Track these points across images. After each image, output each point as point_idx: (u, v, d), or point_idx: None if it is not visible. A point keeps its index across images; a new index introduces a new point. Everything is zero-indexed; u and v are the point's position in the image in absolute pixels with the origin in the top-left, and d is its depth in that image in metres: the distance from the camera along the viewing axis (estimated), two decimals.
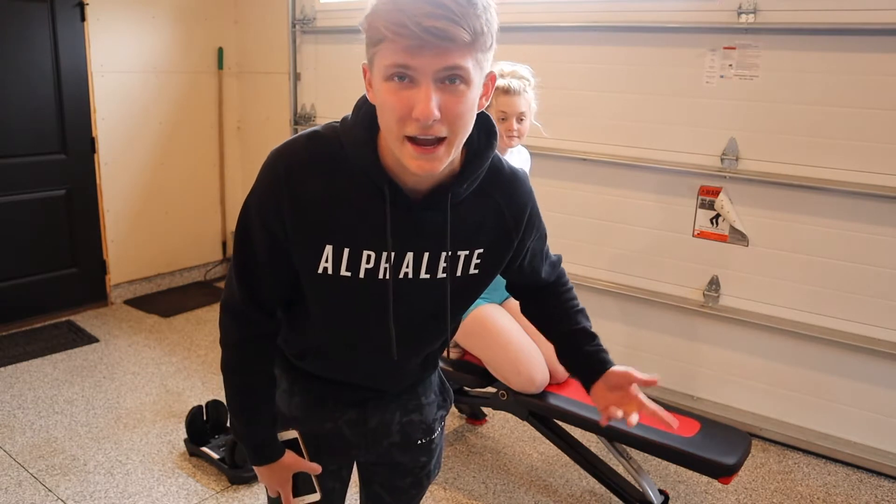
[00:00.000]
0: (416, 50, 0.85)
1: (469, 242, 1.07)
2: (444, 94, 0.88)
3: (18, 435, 2.65)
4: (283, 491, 1.20)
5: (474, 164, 1.02)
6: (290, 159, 1.01)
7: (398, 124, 0.90)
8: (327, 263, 1.03)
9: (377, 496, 1.35)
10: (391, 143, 0.93)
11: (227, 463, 2.42)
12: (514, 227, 1.11)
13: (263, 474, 1.19)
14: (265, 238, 1.04)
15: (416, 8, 0.84)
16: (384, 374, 1.19)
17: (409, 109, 0.88)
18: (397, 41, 0.85)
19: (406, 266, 1.05)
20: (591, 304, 3.24)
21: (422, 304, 1.09)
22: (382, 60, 0.89)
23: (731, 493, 2.47)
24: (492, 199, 1.07)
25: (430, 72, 0.87)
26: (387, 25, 0.85)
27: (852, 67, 2.48)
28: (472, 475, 2.52)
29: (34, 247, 3.65)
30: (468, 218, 1.05)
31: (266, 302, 1.10)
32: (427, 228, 1.03)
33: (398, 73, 0.87)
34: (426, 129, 0.89)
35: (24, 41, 3.42)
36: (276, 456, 1.17)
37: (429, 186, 1.01)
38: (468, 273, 1.09)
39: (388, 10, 0.86)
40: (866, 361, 2.62)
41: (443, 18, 0.84)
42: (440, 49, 0.85)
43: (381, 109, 0.93)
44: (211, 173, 4.41)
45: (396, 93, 0.89)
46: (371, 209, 1.01)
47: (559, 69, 3.10)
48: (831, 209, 2.60)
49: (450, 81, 0.88)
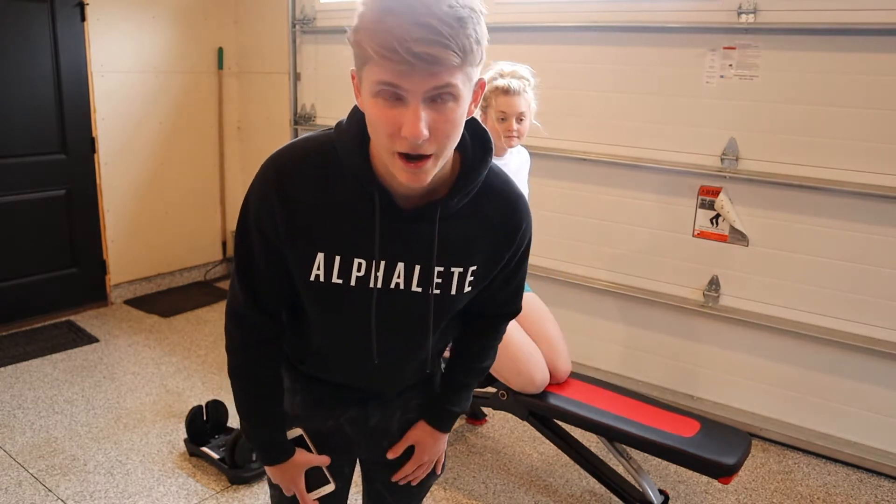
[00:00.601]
0: (406, 73, 0.84)
1: (463, 259, 1.06)
2: (433, 112, 0.87)
3: (18, 435, 2.65)
4: (297, 488, 1.20)
5: (467, 179, 1.01)
6: (283, 166, 1.01)
7: (388, 140, 0.89)
8: (319, 271, 1.03)
9: (379, 495, 1.35)
10: (382, 154, 0.93)
11: (227, 463, 2.42)
12: (506, 245, 1.09)
13: (276, 474, 1.20)
14: (262, 243, 1.04)
15: (405, 31, 0.82)
16: (377, 378, 1.19)
17: (399, 127, 0.87)
18: (385, 64, 0.84)
19: (397, 276, 1.04)
20: (591, 304, 3.28)
21: (409, 315, 1.08)
22: (371, 76, 0.87)
23: (731, 493, 2.47)
24: (487, 216, 1.06)
25: (420, 92, 0.86)
26: (375, 48, 0.84)
27: (852, 67, 2.48)
28: (472, 475, 2.52)
29: (34, 247, 3.65)
30: (461, 232, 1.04)
31: (269, 305, 1.10)
32: (417, 239, 1.02)
33: (387, 91, 0.86)
34: (415, 147, 0.88)
35: (24, 41, 3.42)
36: (286, 456, 1.18)
37: (420, 195, 1.01)
38: (462, 291, 1.08)
39: (376, 31, 0.84)
40: (866, 361, 2.62)
41: (433, 43, 0.82)
42: (430, 72, 0.84)
43: (370, 123, 0.92)
44: (211, 173, 4.41)
45: (385, 110, 0.88)
46: (362, 216, 1.01)
47: (559, 69, 3.10)
48: (831, 209, 2.60)
49: (440, 100, 0.87)
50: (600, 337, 3.24)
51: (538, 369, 2.25)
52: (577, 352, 3.20)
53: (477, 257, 1.07)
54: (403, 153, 0.89)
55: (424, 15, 0.82)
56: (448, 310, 1.10)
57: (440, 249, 1.03)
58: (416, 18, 0.82)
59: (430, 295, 1.06)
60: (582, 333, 3.25)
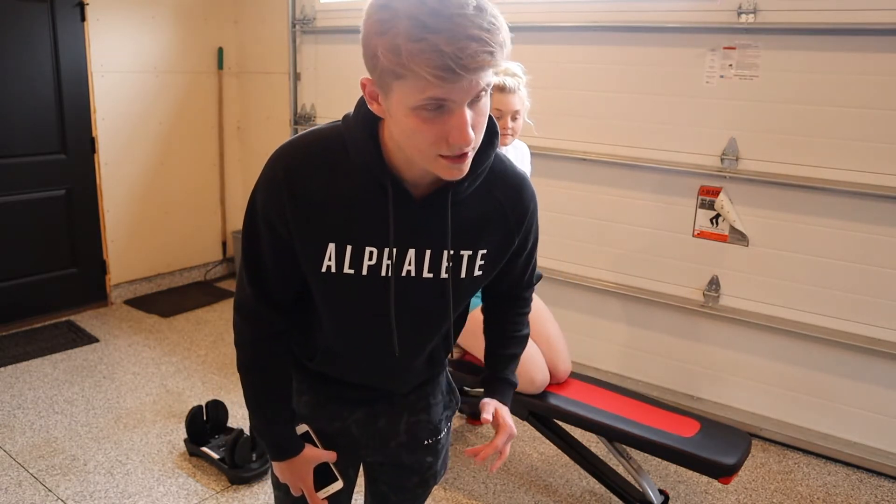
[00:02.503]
0: (457, 87, 0.84)
1: (472, 242, 1.07)
2: (473, 112, 0.88)
3: (18, 435, 2.65)
4: (305, 486, 1.19)
5: (477, 163, 1.02)
6: (290, 159, 1.01)
7: (431, 147, 0.89)
8: (330, 262, 1.03)
9: (383, 495, 1.35)
10: (419, 160, 0.93)
11: (227, 463, 2.42)
12: (516, 228, 1.11)
13: (284, 472, 1.19)
14: (270, 236, 1.04)
15: (456, 48, 0.81)
16: (391, 373, 1.19)
17: (444, 135, 0.88)
18: (437, 81, 0.83)
19: (408, 264, 1.05)
20: (591, 304, 3.27)
21: (424, 303, 1.09)
22: (414, 93, 0.85)
23: (731, 493, 2.47)
24: (495, 199, 1.08)
25: (466, 99, 0.86)
26: (428, 70, 0.82)
27: (852, 67, 2.48)
28: (472, 475, 2.52)
29: (34, 247, 3.65)
30: (470, 216, 1.06)
31: (278, 300, 1.10)
32: (428, 225, 1.03)
33: (432, 104, 0.86)
34: (462, 149, 0.89)
35: (24, 41, 3.42)
36: (295, 451, 1.17)
37: (430, 182, 1.01)
38: (472, 275, 1.09)
39: (423, 51, 0.81)
40: (866, 361, 2.62)
41: (484, 54, 0.82)
42: (477, 80, 0.85)
43: (407, 135, 0.91)
44: (211, 173, 4.41)
45: (430, 122, 0.87)
46: (373, 205, 1.01)
47: (559, 69, 3.10)
48: (831, 209, 2.60)
49: (477, 99, 0.88)
50: (600, 337, 3.24)
51: (538, 369, 2.25)
52: (578, 352, 3.20)
53: (487, 241, 1.08)
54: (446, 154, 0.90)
55: (468, 27, 0.81)
56: (462, 294, 1.11)
57: (451, 233, 1.04)
58: (462, 32, 0.81)
59: (442, 280, 1.07)
60: (582, 333, 3.25)
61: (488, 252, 1.09)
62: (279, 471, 1.20)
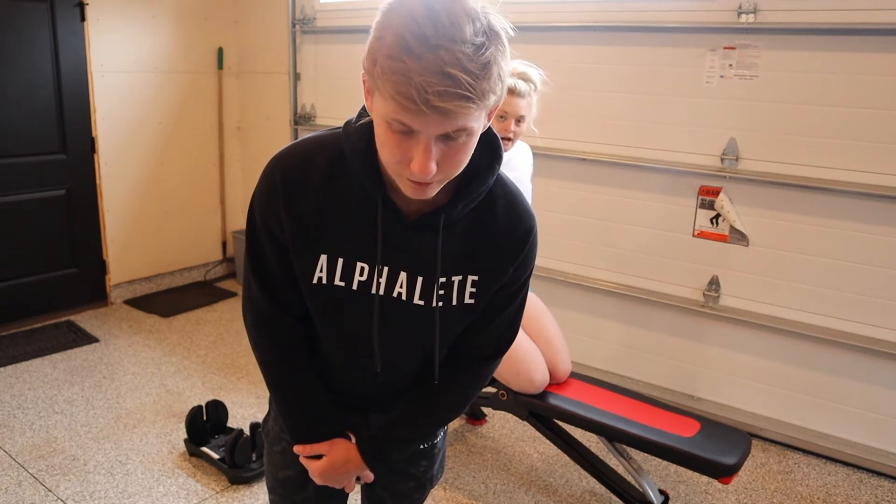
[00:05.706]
0: (420, 119, 0.80)
1: (463, 267, 1.03)
2: (444, 147, 0.85)
3: (18, 435, 2.65)
4: (351, 468, 1.17)
5: (472, 187, 0.99)
6: (287, 166, 1.00)
7: (398, 164, 0.87)
8: (322, 273, 1.02)
9: (379, 499, 1.35)
10: (389, 170, 0.92)
11: (227, 463, 2.42)
12: (510, 256, 1.05)
13: (326, 467, 1.16)
14: (272, 242, 1.03)
15: (424, 81, 0.76)
16: (381, 386, 1.18)
17: (407, 158, 0.85)
18: (398, 107, 0.80)
19: (400, 286, 1.02)
20: (591, 304, 3.27)
21: (412, 327, 1.06)
22: (383, 108, 0.83)
23: (731, 493, 2.47)
24: (491, 224, 1.03)
25: (433, 134, 0.83)
26: (391, 92, 0.79)
27: (852, 67, 2.48)
28: (472, 475, 2.52)
29: (34, 247, 3.65)
30: (463, 240, 1.02)
31: (291, 305, 1.08)
32: (420, 247, 1.01)
33: (399, 126, 0.83)
34: (422, 179, 0.86)
35: (24, 41, 3.42)
36: (335, 433, 1.16)
37: (425, 202, 0.98)
38: (463, 302, 1.05)
39: (393, 71, 0.78)
40: (866, 361, 2.62)
41: (453, 97, 0.77)
42: (445, 120, 0.81)
43: (379, 143, 0.89)
44: (211, 173, 4.41)
45: (396, 141, 0.85)
46: (367, 219, 0.99)
47: (559, 69, 3.09)
48: (831, 209, 2.60)
49: (452, 137, 0.84)
50: (600, 337, 3.24)
51: (538, 369, 2.25)
52: (578, 352, 3.20)
53: (479, 267, 1.04)
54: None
55: (448, 64, 0.76)
56: (451, 323, 1.07)
57: (442, 258, 1.01)
58: (437, 67, 0.76)
59: (433, 309, 1.03)
60: (582, 333, 3.25)
61: (479, 279, 1.04)
62: (320, 473, 1.16)
